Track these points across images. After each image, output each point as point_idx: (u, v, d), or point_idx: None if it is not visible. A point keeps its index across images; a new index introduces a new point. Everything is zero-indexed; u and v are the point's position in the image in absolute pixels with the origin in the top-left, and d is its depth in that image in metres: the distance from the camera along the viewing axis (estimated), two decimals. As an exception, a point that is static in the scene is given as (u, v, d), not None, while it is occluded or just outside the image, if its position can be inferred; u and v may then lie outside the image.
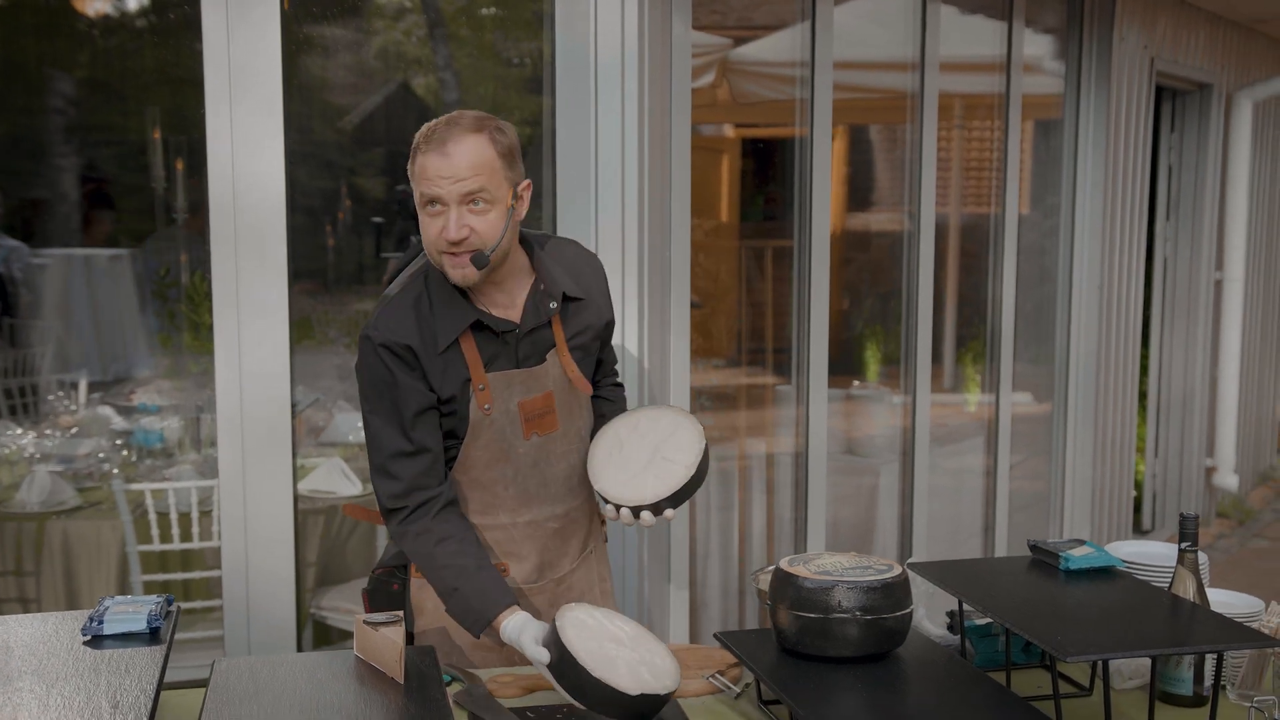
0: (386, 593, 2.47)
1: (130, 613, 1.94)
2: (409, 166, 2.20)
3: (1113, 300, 5.56)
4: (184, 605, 3.80)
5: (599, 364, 2.53)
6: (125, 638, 1.91)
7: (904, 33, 4.53)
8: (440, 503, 2.26)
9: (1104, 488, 5.68)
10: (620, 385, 2.63)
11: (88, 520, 3.88)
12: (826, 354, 4.11)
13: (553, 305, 2.30)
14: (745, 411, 4.79)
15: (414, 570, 2.39)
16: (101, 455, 4.28)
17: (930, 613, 2.48)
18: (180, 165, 5.56)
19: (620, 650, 1.97)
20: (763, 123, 5.59)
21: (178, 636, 3.68)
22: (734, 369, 4.94)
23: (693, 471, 2.27)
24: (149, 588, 3.79)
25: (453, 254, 2.17)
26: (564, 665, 1.91)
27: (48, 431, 4.47)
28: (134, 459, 4.34)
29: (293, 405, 3.17)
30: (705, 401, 4.89)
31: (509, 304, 2.29)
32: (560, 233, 3.23)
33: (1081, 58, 5.33)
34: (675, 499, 2.27)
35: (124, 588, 3.81)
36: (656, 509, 2.25)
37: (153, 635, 1.92)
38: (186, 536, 3.78)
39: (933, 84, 4.45)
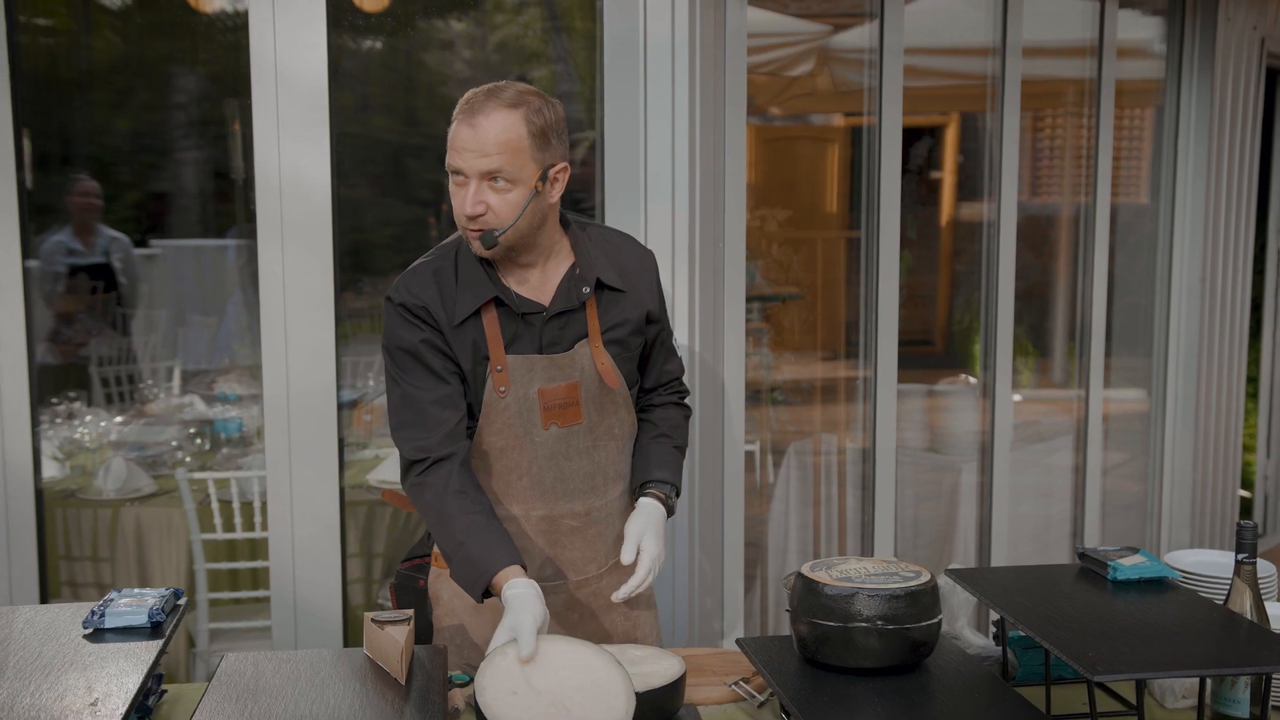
0: (413, 589, 2.43)
1: (134, 606, 1.93)
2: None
3: (1218, 293, 5.29)
4: (248, 594, 3.83)
5: (650, 369, 2.39)
6: (126, 631, 1.90)
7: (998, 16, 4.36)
8: (461, 458, 2.15)
9: (1207, 489, 5.42)
10: (683, 406, 2.44)
11: (160, 508, 3.93)
12: (896, 346, 3.96)
13: (585, 290, 2.21)
14: (831, 405, 4.66)
15: (435, 558, 2.34)
16: (174, 444, 4.35)
17: (977, 621, 2.37)
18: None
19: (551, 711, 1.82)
20: (865, 111, 5.47)
21: (234, 626, 3.75)
22: (833, 361, 4.80)
23: None
24: (211, 575, 3.83)
25: (470, 228, 2.13)
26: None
27: (118, 419, 4.55)
28: (208, 447, 4.39)
29: (339, 399, 3.15)
30: (779, 396, 4.78)
31: (541, 286, 2.22)
32: (609, 223, 3.15)
33: (1184, 40, 5.08)
34: None
35: (192, 574, 3.85)
36: None
37: (154, 629, 1.91)
38: (249, 526, 3.80)
39: (1015, 69, 4.27)
